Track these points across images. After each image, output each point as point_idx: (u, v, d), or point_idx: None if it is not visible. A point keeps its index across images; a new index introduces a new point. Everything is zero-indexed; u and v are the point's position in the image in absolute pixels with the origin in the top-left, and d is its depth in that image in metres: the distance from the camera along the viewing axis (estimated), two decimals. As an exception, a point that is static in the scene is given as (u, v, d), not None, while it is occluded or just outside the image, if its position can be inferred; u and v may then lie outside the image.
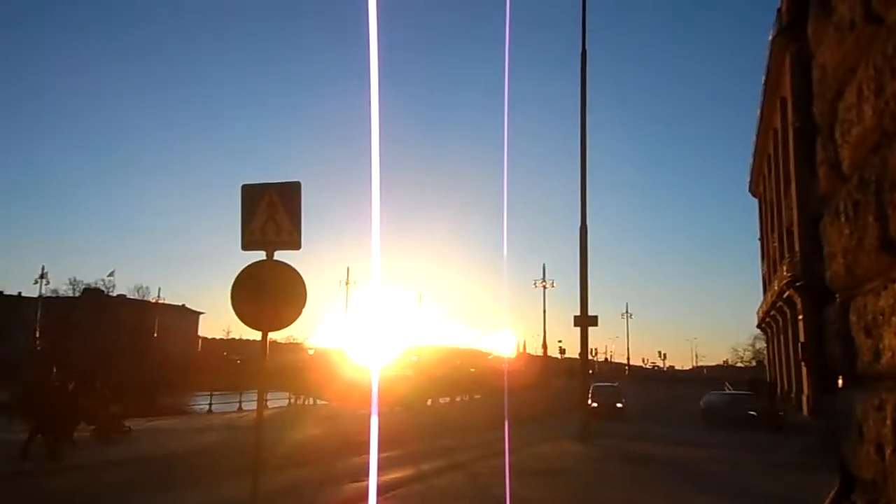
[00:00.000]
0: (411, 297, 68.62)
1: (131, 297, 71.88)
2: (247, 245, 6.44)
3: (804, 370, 30.41)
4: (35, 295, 62.57)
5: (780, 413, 24.52)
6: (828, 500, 1.77)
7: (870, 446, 1.47)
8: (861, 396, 1.56)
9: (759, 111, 39.90)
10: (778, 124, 36.38)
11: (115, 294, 71.20)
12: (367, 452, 10.75)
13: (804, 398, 30.77)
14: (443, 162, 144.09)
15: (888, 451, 1.38)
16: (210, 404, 30.68)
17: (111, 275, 71.08)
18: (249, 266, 6.44)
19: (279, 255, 6.41)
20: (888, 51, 1.35)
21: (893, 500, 1.37)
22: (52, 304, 62.60)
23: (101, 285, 70.69)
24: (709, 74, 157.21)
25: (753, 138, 44.88)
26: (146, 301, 72.05)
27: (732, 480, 11.65)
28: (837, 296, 1.81)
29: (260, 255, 6.42)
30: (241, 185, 6.49)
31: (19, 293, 66.64)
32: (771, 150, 40.48)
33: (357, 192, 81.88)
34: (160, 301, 72.83)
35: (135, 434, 18.70)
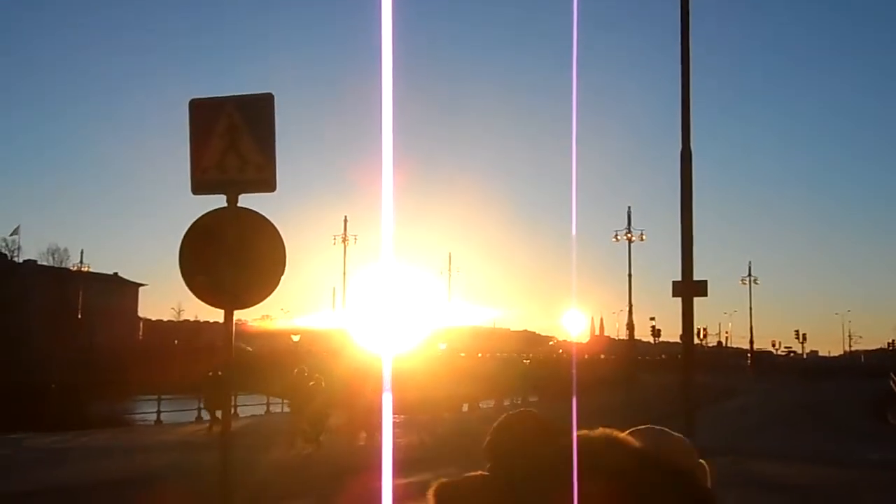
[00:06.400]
0: (437, 262, 68.84)
1: (44, 262, 72.96)
2: (199, 186, 6.41)
3: None
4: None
5: None
6: None
7: None
8: None
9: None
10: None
11: (21, 260, 72.30)
12: (378, 478, 10.81)
13: None
14: (476, 80, 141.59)
15: None
16: (158, 412, 31.31)
17: (15, 232, 72.11)
18: (203, 217, 6.43)
19: (246, 201, 6.39)
20: None
21: None
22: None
23: (2, 248, 71.84)
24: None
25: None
26: (65, 269, 73.06)
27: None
28: None
29: (220, 201, 6.40)
30: (188, 101, 6.44)
31: None
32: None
33: (360, 115, 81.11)
34: (84, 269, 73.77)
35: None
